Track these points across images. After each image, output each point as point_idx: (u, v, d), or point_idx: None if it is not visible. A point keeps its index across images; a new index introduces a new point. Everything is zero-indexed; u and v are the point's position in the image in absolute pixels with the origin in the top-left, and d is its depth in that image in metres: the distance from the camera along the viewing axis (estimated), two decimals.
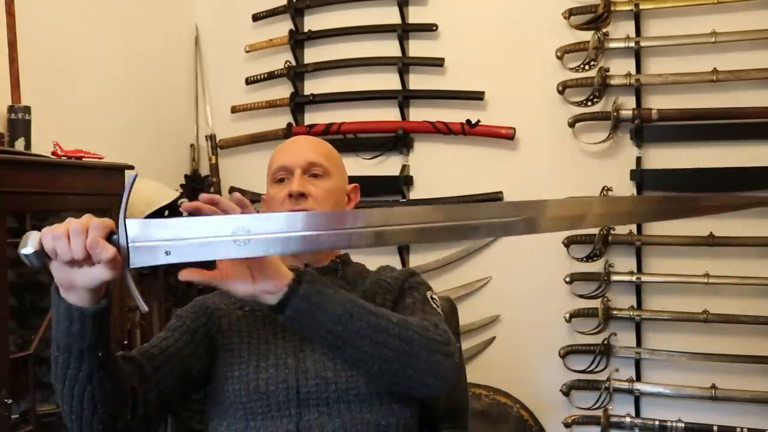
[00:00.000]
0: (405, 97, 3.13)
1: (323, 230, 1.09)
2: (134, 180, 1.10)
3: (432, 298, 1.48)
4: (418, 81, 3.14)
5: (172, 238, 1.07)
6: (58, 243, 1.04)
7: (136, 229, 1.07)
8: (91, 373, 1.14)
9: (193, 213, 1.14)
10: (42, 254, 1.06)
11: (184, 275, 1.15)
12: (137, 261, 1.07)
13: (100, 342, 1.13)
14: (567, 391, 2.85)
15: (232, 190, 3.35)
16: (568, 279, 2.85)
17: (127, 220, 1.07)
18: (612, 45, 2.79)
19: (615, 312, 2.79)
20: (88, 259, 1.05)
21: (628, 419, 2.77)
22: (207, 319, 1.43)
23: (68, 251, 1.04)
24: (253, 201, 3.14)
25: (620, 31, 2.81)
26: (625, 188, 2.79)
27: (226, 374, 1.38)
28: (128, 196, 1.09)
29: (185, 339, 1.39)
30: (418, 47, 3.14)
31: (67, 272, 1.07)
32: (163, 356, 1.34)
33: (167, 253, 1.07)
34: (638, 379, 2.81)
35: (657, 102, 2.79)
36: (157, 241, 1.07)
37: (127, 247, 1.06)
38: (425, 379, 1.29)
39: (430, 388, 1.31)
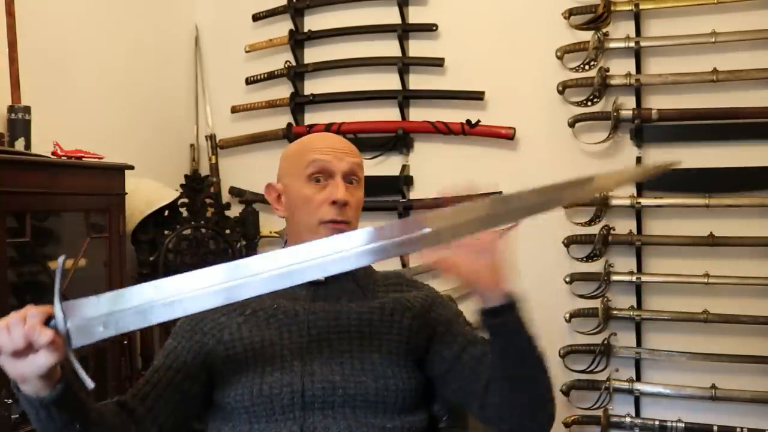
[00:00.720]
0: (405, 97, 3.13)
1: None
2: (63, 263, 1.15)
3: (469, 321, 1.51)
4: (418, 81, 3.14)
5: (105, 313, 1.11)
6: (0, 336, 1.07)
7: (72, 311, 1.11)
8: None
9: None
10: None
11: (424, 256, 1.20)
12: (78, 341, 1.11)
13: (74, 418, 1.16)
14: (567, 391, 2.85)
15: (232, 190, 3.35)
16: (568, 279, 2.85)
17: (63, 303, 1.10)
18: (612, 45, 2.79)
19: (615, 312, 2.79)
20: (30, 348, 1.07)
21: (628, 419, 2.77)
22: (202, 336, 1.42)
23: (9, 342, 1.07)
24: (252, 201, 3.14)
25: (620, 31, 2.81)
26: (626, 188, 2.79)
27: (231, 381, 1.38)
28: (60, 281, 1.13)
29: (177, 364, 1.39)
30: (418, 47, 3.14)
31: (15, 365, 1.09)
32: (156, 392, 1.35)
33: (104, 326, 1.11)
34: (638, 379, 2.81)
35: (657, 102, 2.79)
36: (92, 317, 1.11)
37: (66, 328, 1.10)
38: (543, 425, 1.37)
39: (542, 427, 1.37)
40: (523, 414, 1.33)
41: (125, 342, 2.54)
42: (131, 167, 2.56)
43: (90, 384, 1.10)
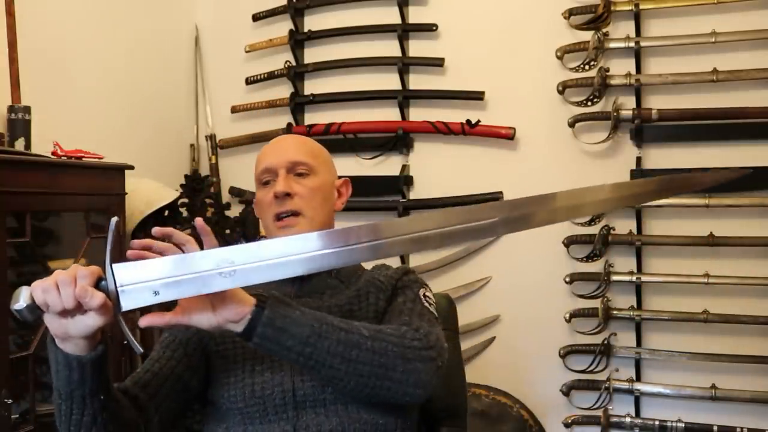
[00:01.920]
0: (405, 97, 3.13)
1: (313, 252, 1.10)
2: (116, 224, 1.12)
3: (425, 296, 1.46)
4: (418, 81, 3.14)
5: (158, 278, 1.08)
6: (48, 295, 1.06)
7: (123, 273, 1.09)
8: (94, 417, 1.16)
9: (146, 248, 1.15)
10: (34, 307, 1.07)
11: (144, 322, 1.14)
12: (127, 304, 1.09)
13: (101, 386, 1.16)
14: (567, 391, 2.85)
15: (232, 190, 3.36)
16: (568, 279, 2.85)
17: (114, 265, 1.08)
18: (612, 45, 2.79)
19: (615, 312, 2.79)
20: (79, 308, 1.07)
21: (628, 419, 2.77)
22: (197, 328, 1.43)
23: (59, 302, 1.06)
24: (252, 201, 3.14)
25: (620, 31, 2.81)
26: None
27: (222, 380, 1.38)
28: (112, 241, 1.10)
29: (177, 355, 1.39)
30: (418, 47, 3.14)
31: (60, 323, 1.08)
32: (157, 380, 1.34)
33: (156, 293, 1.08)
34: (638, 379, 2.81)
35: (657, 102, 2.79)
36: (144, 281, 1.08)
37: (117, 291, 1.08)
38: (405, 388, 1.27)
39: (411, 396, 1.29)
40: (391, 396, 1.29)
41: (125, 342, 2.54)
42: (131, 167, 2.56)
43: (139, 349, 1.11)
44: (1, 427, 1.97)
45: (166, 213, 2.96)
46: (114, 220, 1.12)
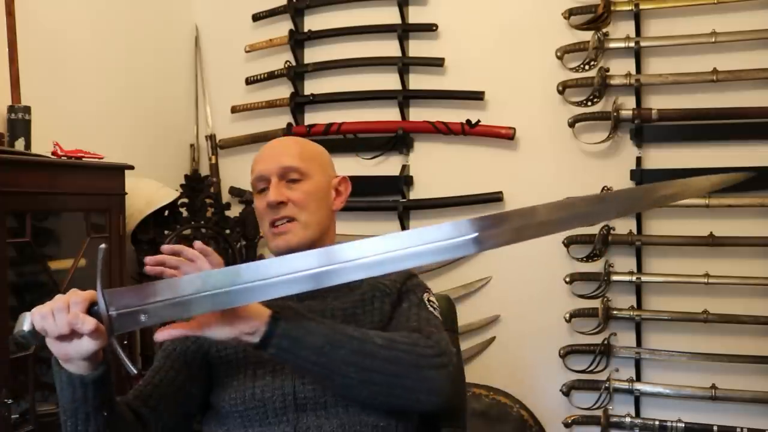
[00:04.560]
0: (405, 97, 3.13)
1: (303, 271, 1.11)
2: (104, 252, 1.16)
3: (429, 300, 1.47)
4: (418, 81, 3.14)
5: (147, 302, 1.13)
6: (45, 322, 1.11)
7: (115, 298, 1.13)
8: None
9: (161, 263, 1.21)
10: (36, 333, 1.13)
11: (160, 336, 1.18)
12: (120, 328, 1.14)
13: (104, 403, 1.19)
14: (567, 391, 2.85)
15: (232, 190, 3.35)
16: (568, 279, 2.85)
17: (105, 290, 1.13)
18: (612, 45, 2.79)
19: (615, 312, 2.79)
20: (74, 333, 1.12)
21: (628, 419, 2.77)
22: (197, 336, 1.40)
23: (55, 328, 1.11)
24: (252, 201, 3.13)
25: (620, 31, 2.81)
26: (626, 188, 2.78)
27: (224, 383, 1.39)
28: (102, 267, 1.15)
29: (177, 365, 1.40)
30: (418, 47, 3.14)
31: (60, 346, 1.13)
32: (158, 393, 1.36)
33: (145, 315, 1.13)
34: (638, 379, 2.81)
35: (657, 102, 2.79)
36: (135, 306, 1.13)
37: (108, 316, 1.12)
38: (418, 396, 1.29)
39: (425, 404, 1.31)
40: (405, 404, 1.32)
41: (125, 342, 2.54)
42: (131, 167, 2.56)
43: (133, 370, 1.14)
44: (1, 427, 1.98)
45: (166, 213, 2.96)
46: (102, 247, 1.17)
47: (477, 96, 3.01)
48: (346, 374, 1.25)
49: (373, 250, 1.10)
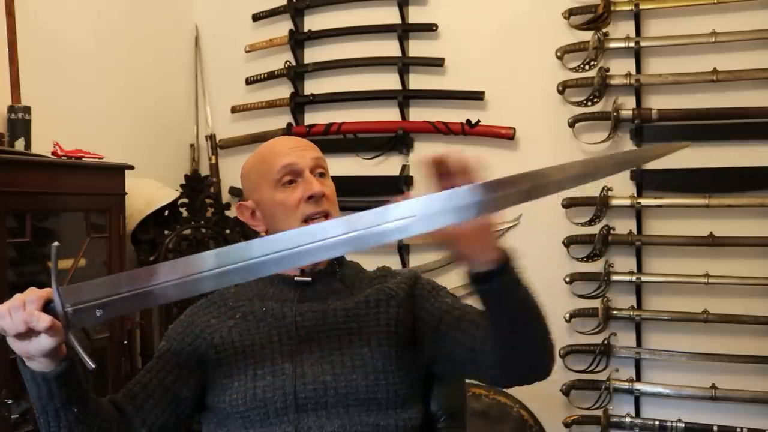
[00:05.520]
0: (405, 97, 3.13)
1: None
2: (57, 250, 1.19)
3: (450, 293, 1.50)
4: (418, 81, 3.14)
5: (100, 296, 1.15)
6: (3, 320, 1.13)
7: (71, 294, 1.15)
8: (70, 428, 1.21)
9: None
10: None
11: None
12: (77, 323, 1.16)
13: (73, 399, 1.20)
14: (567, 391, 2.85)
15: (232, 190, 3.35)
16: (568, 279, 2.85)
17: (60, 287, 1.15)
18: (612, 45, 2.79)
19: (615, 312, 2.79)
20: (32, 331, 1.12)
21: (628, 419, 2.77)
22: (194, 338, 1.42)
23: (12, 326, 1.12)
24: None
25: (620, 31, 2.81)
26: (626, 188, 2.79)
27: (224, 385, 1.38)
28: (56, 266, 1.17)
29: (169, 366, 1.40)
30: (418, 47, 3.14)
31: (21, 344, 1.15)
32: (145, 392, 1.36)
33: (100, 309, 1.15)
34: (638, 379, 2.81)
35: (657, 102, 2.79)
36: (91, 301, 1.15)
37: (64, 312, 1.14)
38: (550, 364, 1.36)
39: (542, 376, 1.37)
40: (522, 370, 1.34)
41: (125, 342, 2.55)
42: (131, 167, 2.57)
43: (91, 364, 1.14)
44: (1, 427, 1.98)
45: (166, 213, 2.96)
46: (54, 245, 1.20)
47: (477, 96, 3.01)
48: (533, 330, 1.29)
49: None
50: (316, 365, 1.37)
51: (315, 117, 3.27)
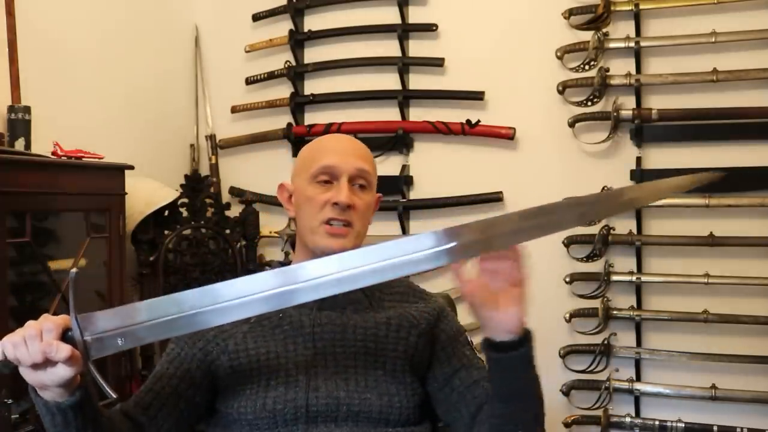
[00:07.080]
0: (405, 97, 3.13)
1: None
2: (75, 276, 1.15)
3: (470, 342, 1.49)
4: (418, 81, 3.14)
5: (125, 325, 1.11)
6: (18, 351, 1.08)
7: (90, 322, 1.11)
8: None
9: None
10: (8, 362, 1.10)
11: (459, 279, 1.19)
12: (96, 352, 1.11)
13: (87, 424, 1.16)
14: (567, 391, 2.85)
15: (232, 190, 3.35)
16: (568, 279, 2.85)
17: (78, 315, 1.10)
18: (612, 45, 2.79)
19: (615, 312, 2.79)
20: (49, 361, 1.08)
21: (628, 419, 2.77)
22: (206, 343, 1.40)
23: (28, 357, 1.08)
24: (251, 201, 3.14)
25: (620, 31, 2.81)
26: None
27: (235, 391, 1.37)
28: (74, 293, 1.13)
29: (180, 372, 1.37)
30: (418, 47, 3.14)
31: (35, 375, 1.10)
32: (159, 400, 1.34)
33: (122, 338, 1.11)
34: (638, 379, 2.81)
35: (657, 102, 2.79)
36: (112, 330, 1.11)
37: (83, 341, 1.10)
38: None
39: None
40: None
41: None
42: (131, 167, 2.56)
43: (112, 395, 1.11)
44: (1, 427, 1.97)
45: (166, 213, 2.96)
46: (73, 271, 1.15)
47: (477, 96, 3.01)
48: (531, 413, 1.26)
49: (331, 268, 1.09)
50: (330, 380, 1.35)
51: (315, 117, 3.26)
